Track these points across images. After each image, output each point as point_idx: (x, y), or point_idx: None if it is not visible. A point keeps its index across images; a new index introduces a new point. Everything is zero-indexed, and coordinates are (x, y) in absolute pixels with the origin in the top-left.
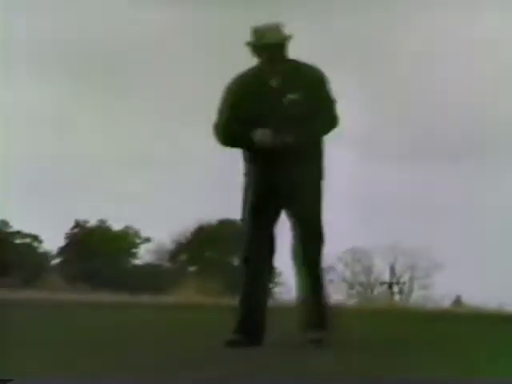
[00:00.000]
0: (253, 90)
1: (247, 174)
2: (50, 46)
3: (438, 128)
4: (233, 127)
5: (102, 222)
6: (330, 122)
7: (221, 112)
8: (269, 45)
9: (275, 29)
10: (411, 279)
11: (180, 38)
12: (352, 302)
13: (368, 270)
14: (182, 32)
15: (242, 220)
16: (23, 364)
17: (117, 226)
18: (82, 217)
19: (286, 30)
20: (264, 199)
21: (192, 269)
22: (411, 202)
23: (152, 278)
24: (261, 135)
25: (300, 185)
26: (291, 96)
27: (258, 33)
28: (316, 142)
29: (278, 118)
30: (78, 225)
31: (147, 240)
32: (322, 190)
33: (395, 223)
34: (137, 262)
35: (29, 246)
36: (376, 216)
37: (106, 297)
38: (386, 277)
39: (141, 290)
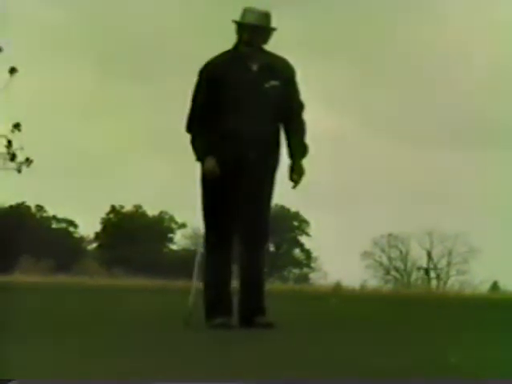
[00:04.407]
0: (232, 71)
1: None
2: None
3: (475, 117)
4: (203, 136)
5: (138, 207)
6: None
7: (195, 98)
8: (252, 26)
9: (263, 14)
10: (448, 265)
11: (216, 23)
12: (388, 287)
13: (405, 256)
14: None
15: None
16: (63, 346)
17: (152, 211)
18: (117, 202)
19: (275, 23)
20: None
21: None
22: (448, 188)
23: (187, 264)
24: (208, 164)
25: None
26: (273, 82)
27: (247, 12)
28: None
29: (257, 103)
30: (113, 210)
31: (183, 225)
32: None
33: (432, 209)
34: (173, 247)
35: (65, 230)
36: (413, 202)
37: (141, 281)
38: (423, 262)
39: (176, 275)
